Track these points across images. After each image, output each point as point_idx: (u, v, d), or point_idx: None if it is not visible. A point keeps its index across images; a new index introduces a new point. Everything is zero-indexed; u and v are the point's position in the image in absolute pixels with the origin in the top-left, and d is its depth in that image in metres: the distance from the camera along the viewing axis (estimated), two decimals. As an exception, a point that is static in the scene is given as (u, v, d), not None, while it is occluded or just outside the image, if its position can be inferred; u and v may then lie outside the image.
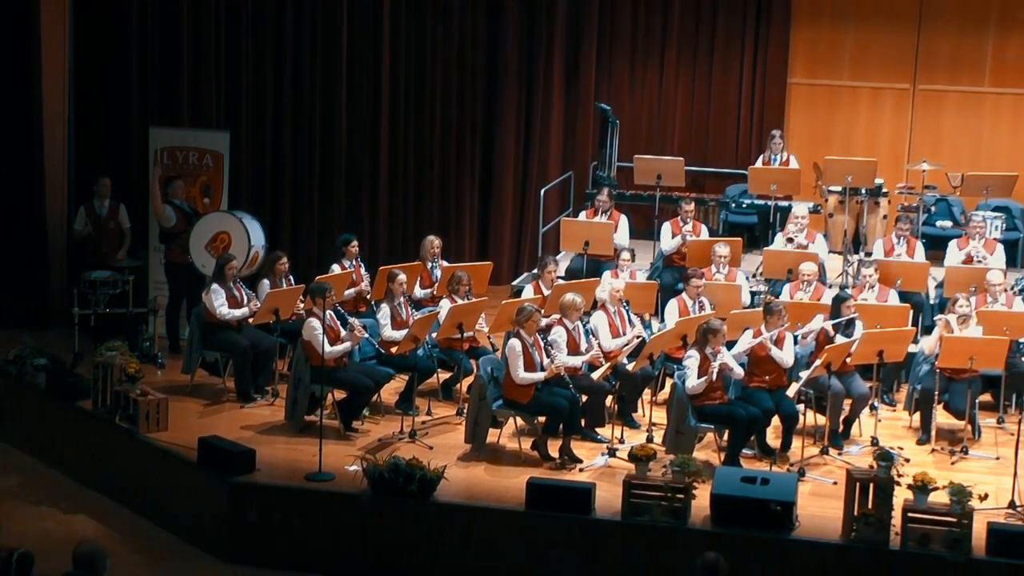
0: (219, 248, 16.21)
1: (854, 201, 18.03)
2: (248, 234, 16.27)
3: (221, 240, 16.31)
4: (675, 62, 20.14)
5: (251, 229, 16.35)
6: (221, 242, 16.29)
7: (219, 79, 18.51)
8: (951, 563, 12.08)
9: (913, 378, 15.16)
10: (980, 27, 19.78)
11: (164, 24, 18.17)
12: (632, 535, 12.65)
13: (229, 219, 16.38)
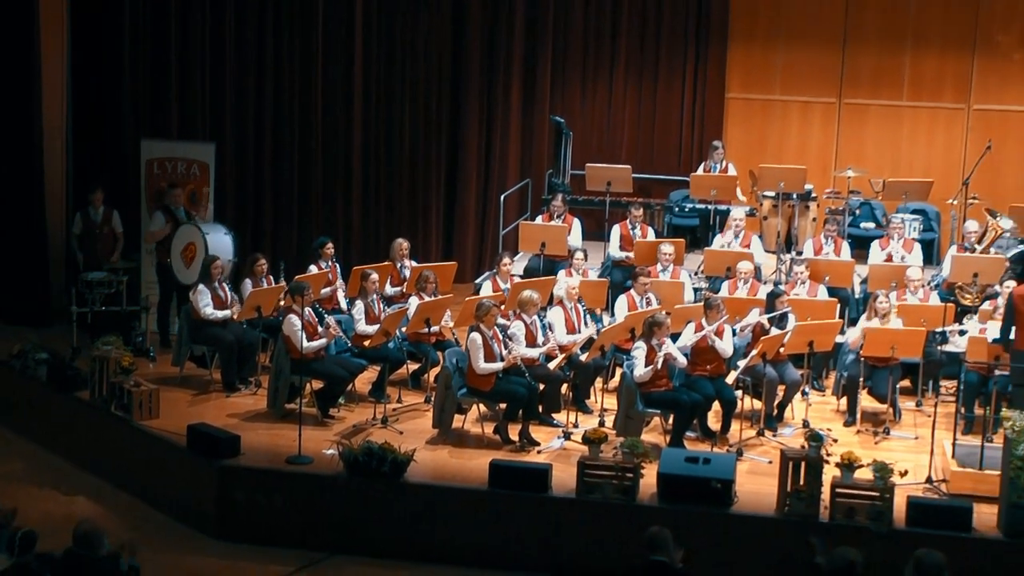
0: (188, 258, 16.22)
1: (786, 205, 18.06)
2: (207, 248, 16.19)
3: (190, 250, 16.28)
4: (623, 79, 20.14)
5: (211, 243, 16.26)
6: (190, 251, 16.26)
7: (205, 94, 18.49)
8: (875, 534, 12.15)
9: (840, 366, 15.21)
10: (898, 47, 19.83)
11: (154, 43, 18.15)
12: (586, 511, 12.69)
13: (196, 233, 16.32)
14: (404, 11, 19.18)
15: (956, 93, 19.86)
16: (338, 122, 19.12)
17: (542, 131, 19.88)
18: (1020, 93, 19.70)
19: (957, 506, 12.49)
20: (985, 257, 16.24)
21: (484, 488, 12.94)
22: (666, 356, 13.73)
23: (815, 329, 14.65)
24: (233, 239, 16.56)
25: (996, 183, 18.81)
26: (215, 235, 16.41)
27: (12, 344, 16.11)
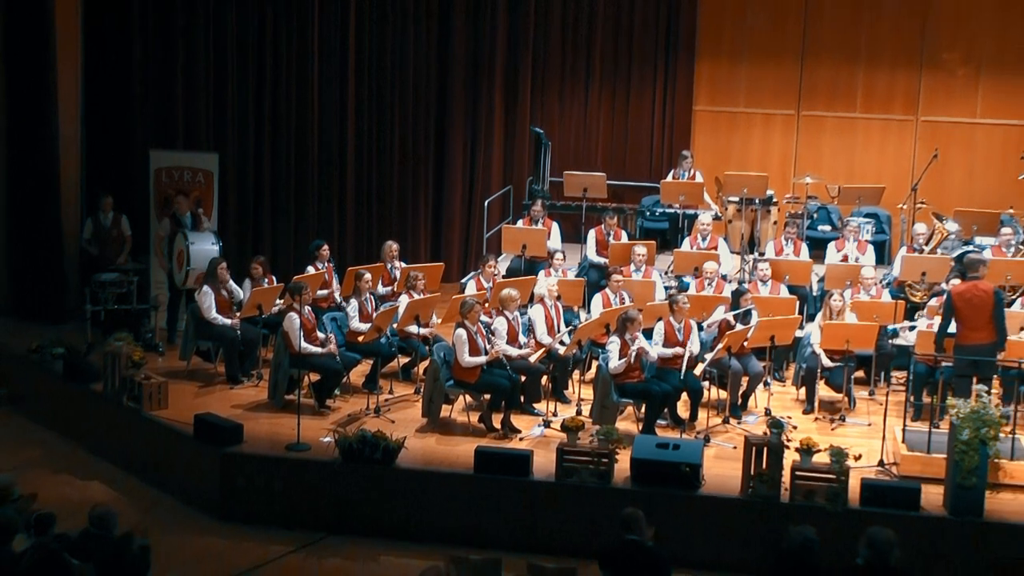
0: (180, 262, 16.24)
1: (749, 210, 18.07)
2: (189, 257, 16.20)
3: (181, 256, 16.29)
4: (598, 92, 20.15)
5: (194, 252, 16.23)
6: (181, 258, 16.28)
7: (209, 108, 18.48)
8: (831, 513, 12.19)
9: (799, 358, 15.23)
10: (852, 63, 19.86)
11: (162, 60, 18.13)
12: (564, 494, 12.71)
13: (183, 243, 16.34)
14: (394, 30, 19.16)
15: (905, 106, 19.90)
16: (332, 133, 19.12)
17: (523, 141, 19.89)
18: (964, 106, 19.75)
19: (907, 487, 12.55)
20: (932, 257, 16.29)
21: (470, 473, 12.96)
22: (639, 350, 13.78)
23: (776, 324, 14.69)
24: (220, 247, 16.53)
25: (942, 189, 18.86)
26: (200, 244, 16.37)
27: (31, 340, 16.15)
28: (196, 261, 16.14)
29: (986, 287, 13.91)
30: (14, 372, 16.38)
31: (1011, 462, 13.05)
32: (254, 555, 12.56)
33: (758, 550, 11.24)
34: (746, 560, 11.54)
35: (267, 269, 15.86)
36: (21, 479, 11.41)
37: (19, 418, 15.96)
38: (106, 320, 16.05)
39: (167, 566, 11.00)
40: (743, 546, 12.01)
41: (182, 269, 16.21)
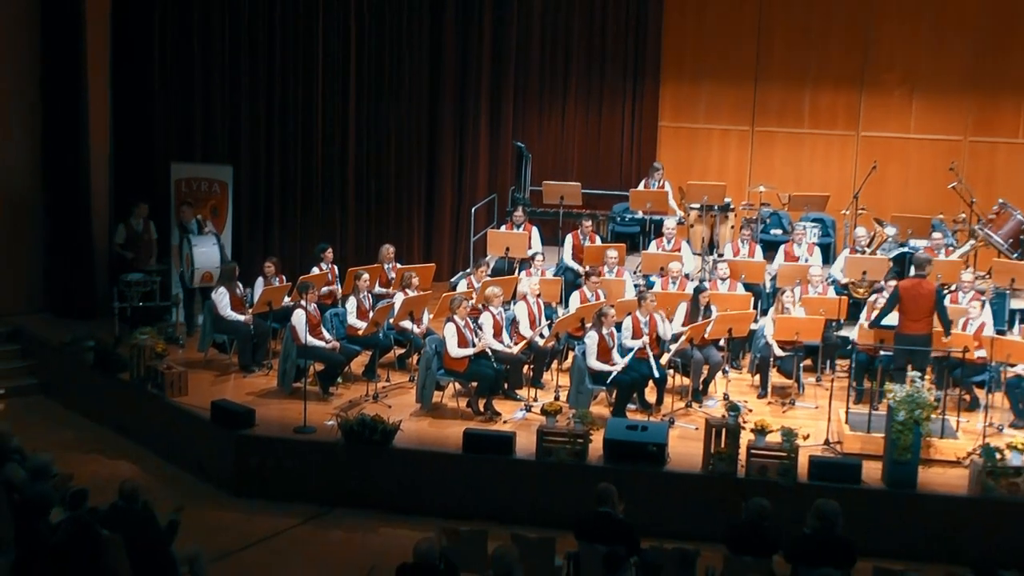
0: (188, 263, 16.28)
1: (709, 215, 18.10)
2: (193, 259, 16.25)
3: (187, 257, 16.30)
4: (573, 110, 20.17)
5: (197, 255, 16.29)
6: (188, 258, 16.29)
7: (224, 124, 18.44)
8: (783, 486, 12.26)
9: (754, 348, 15.28)
10: (800, 84, 19.90)
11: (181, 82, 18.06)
12: (544, 471, 12.77)
13: (188, 246, 16.37)
14: (390, 55, 19.16)
15: (847, 123, 19.93)
16: (335, 147, 19.09)
17: (506, 154, 19.90)
18: (899, 123, 19.80)
19: (849, 463, 12.64)
20: (873, 258, 16.33)
21: (459, 452, 13.01)
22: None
23: (733, 318, 14.73)
24: (220, 249, 16.55)
25: (880, 197, 18.88)
26: (202, 247, 16.39)
27: (64, 334, 16.16)
28: (200, 261, 16.19)
29: (930, 284, 14.01)
30: (50, 362, 16.35)
31: (941, 440, 13.15)
32: (265, 527, 12.60)
33: (718, 520, 11.28)
34: (707, 529, 11.58)
35: (278, 269, 15.87)
36: (57, 459, 11.39)
37: (54, 404, 15.95)
38: (132, 316, 16.02)
39: (187, 537, 11.00)
40: (704, 517, 12.05)
41: (190, 269, 16.25)
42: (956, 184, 18.01)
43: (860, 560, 10.23)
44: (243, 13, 18.31)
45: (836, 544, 10.05)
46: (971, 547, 11.78)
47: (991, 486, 12.23)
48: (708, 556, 10.53)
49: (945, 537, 12.13)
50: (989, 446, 12.40)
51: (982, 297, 15.05)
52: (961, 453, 12.98)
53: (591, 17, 19.88)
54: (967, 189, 18.06)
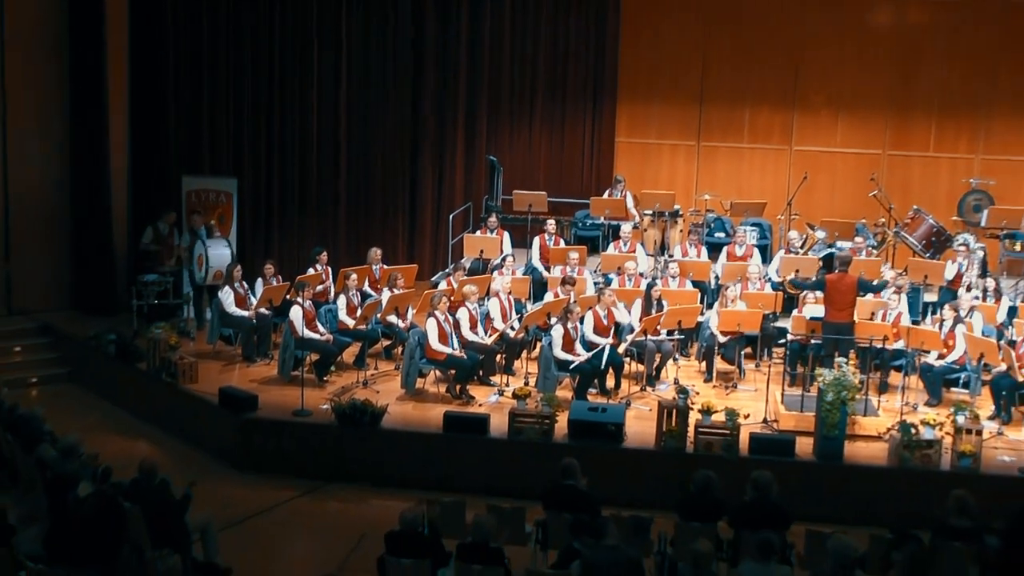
0: (200, 263, 16.23)
1: (661, 220, 18.14)
2: (208, 258, 16.22)
3: (201, 259, 16.27)
4: (539, 127, 20.14)
5: (212, 255, 16.26)
6: (200, 261, 16.26)
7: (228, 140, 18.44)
8: (727, 460, 12.34)
9: (701, 338, 15.35)
10: (740, 104, 19.95)
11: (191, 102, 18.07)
12: (515, 449, 12.82)
13: (201, 247, 16.33)
14: (376, 79, 19.11)
15: (781, 138, 20.01)
16: (328, 160, 19.05)
17: (480, 167, 19.88)
18: (827, 138, 19.88)
19: (785, 439, 12.73)
20: (805, 258, 16.41)
21: (439, 432, 13.06)
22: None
23: (683, 312, 14.79)
24: (231, 250, 16.54)
25: (810, 203, 18.96)
26: (215, 249, 16.36)
27: (89, 329, 16.14)
28: (215, 262, 16.16)
29: (851, 278, 14.14)
30: (76, 354, 16.30)
31: (864, 418, 13.27)
32: (268, 499, 12.63)
33: (670, 490, 11.34)
34: (660, 498, 11.64)
35: (276, 270, 15.86)
36: (84, 439, 11.38)
37: (81, 391, 15.90)
38: (148, 313, 15.99)
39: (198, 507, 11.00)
40: (658, 487, 12.11)
41: (203, 268, 16.21)
42: (876, 192, 18.13)
43: (794, 524, 10.30)
44: (246, 41, 18.32)
45: (773, 510, 10.13)
46: (890, 511, 11.89)
47: (907, 457, 12.35)
48: (661, 523, 10.57)
49: (868, 503, 12.25)
50: (906, 423, 12.52)
51: (900, 292, 15.17)
52: (881, 429, 13.10)
53: (555, 45, 19.88)
54: (886, 197, 18.18)
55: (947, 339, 14.18)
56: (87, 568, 10.18)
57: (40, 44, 17.11)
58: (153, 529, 10.26)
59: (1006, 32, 19.18)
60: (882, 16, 19.60)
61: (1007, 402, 13.65)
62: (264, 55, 18.50)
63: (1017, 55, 19.18)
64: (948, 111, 19.53)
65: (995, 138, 19.47)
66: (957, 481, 11.66)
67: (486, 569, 9.34)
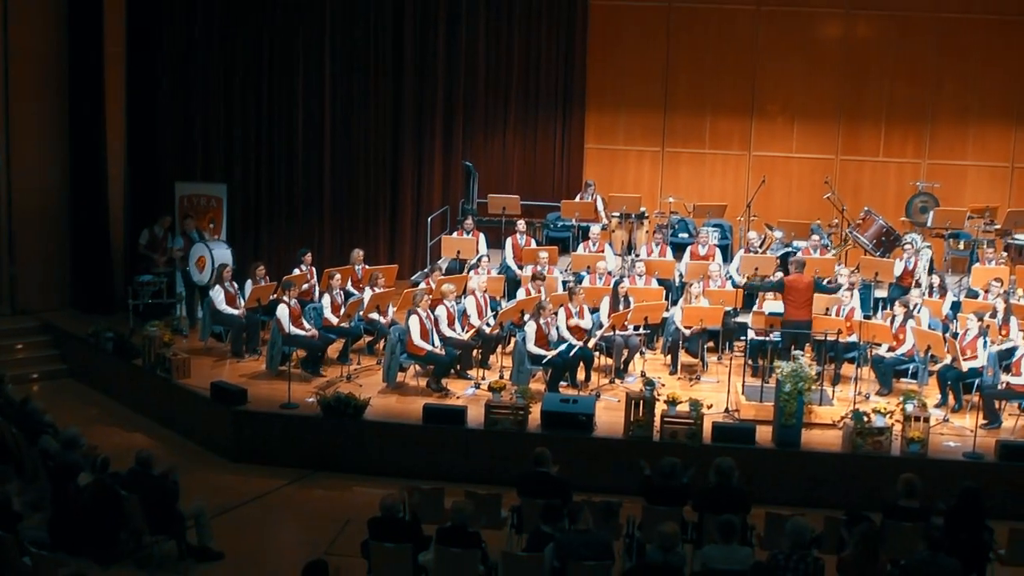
0: (201, 266, 16.17)
1: (628, 222, 18.17)
2: (213, 259, 16.17)
3: (201, 261, 16.21)
4: (513, 134, 20.10)
5: (216, 255, 16.23)
6: (201, 262, 16.20)
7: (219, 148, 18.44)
8: (691, 447, 12.38)
9: (666, 333, 15.37)
10: (701, 112, 19.95)
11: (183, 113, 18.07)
12: (491, 438, 12.83)
13: (205, 249, 16.29)
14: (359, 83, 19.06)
15: (740, 144, 20.04)
16: (313, 165, 19.03)
17: (457, 171, 19.86)
18: (783, 144, 19.91)
19: (745, 427, 12.78)
20: (763, 257, 16.45)
21: (419, 423, 13.06)
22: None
23: (649, 308, 14.83)
24: (232, 251, 16.54)
25: (768, 206, 19.02)
26: (218, 250, 16.35)
27: (87, 326, 16.05)
28: (220, 261, 16.11)
29: (808, 277, 14.22)
30: (76, 351, 16.24)
31: (820, 407, 13.34)
32: (258, 487, 12.64)
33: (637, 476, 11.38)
34: (628, 484, 11.67)
35: (265, 272, 15.79)
36: (84, 431, 11.37)
37: (80, 386, 15.87)
38: (144, 311, 15.90)
39: (192, 495, 11.00)
40: (626, 474, 12.08)
41: (204, 269, 16.14)
42: (830, 195, 18.21)
43: (755, 507, 10.37)
44: (237, 53, 18.35)
45: (734, 494, 10.18)
46: (844, 495, 11.95)
47: (860, 444, 12.43)
48: (629, 507, 10.62)
49: (823, 487, 12.32)
50: (858, 411, 12.60)
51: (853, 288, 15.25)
52: (836, 417, 13.17)
53: (527, 57, 19.86)
54: (839, 199, 18.26)
55: (898, 333, 14.27)
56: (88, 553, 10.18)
57: (42, 55, 17.06)
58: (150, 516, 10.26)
59: (948, 45, 19.32)
60: (832, 30, 19.69)
61: (955, 391, 13.75)
62: (252, 69, 18.57)
63: (959, 66, 19.34)
64: (895, 119, 19.63)
65: (940, 144, 19.60)
66: (906, 465, 11.77)
67: (464, 552, 9.36)
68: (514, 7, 19.62)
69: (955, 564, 8.91)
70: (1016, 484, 12.17)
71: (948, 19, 19.29)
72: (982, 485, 10.41)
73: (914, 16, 19.34)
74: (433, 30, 19.38)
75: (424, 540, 9.66)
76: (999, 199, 19.11)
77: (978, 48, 19.30)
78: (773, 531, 10.14)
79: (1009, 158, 19.51)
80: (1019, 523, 10.47)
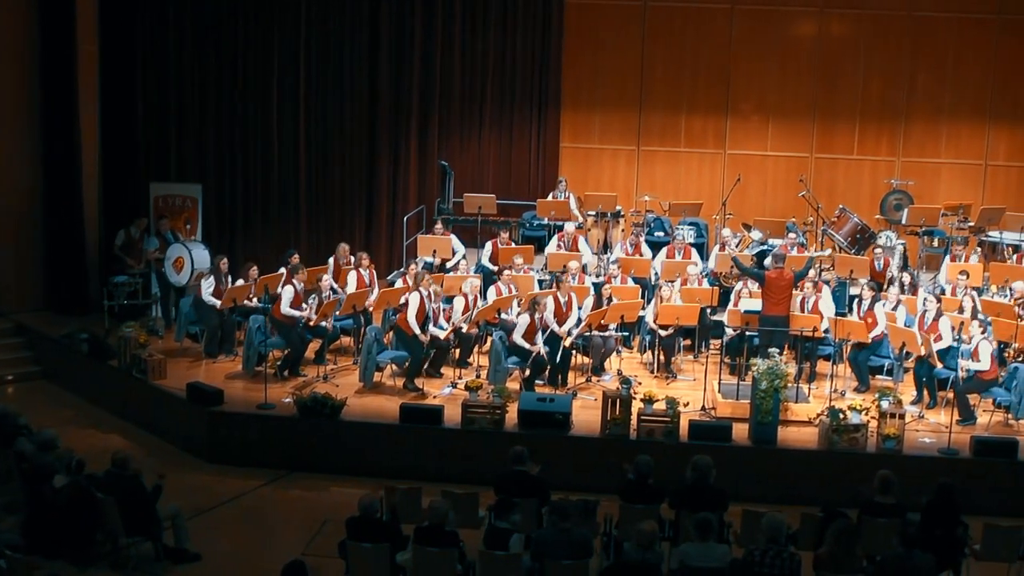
0: (179, 267, 16.08)
1: (603, 221, 18.20)
2: (192, 259, 16.13)
3: (179, 262, 16.14)
4: (488, 133, 20.06)
5: (195, 256, 16.19)
6: (179, 263, 16.13)
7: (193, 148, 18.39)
8: (668, 445, 12.41)
9: (643, 331, 15.42)
10: (676, 111, 19.99)
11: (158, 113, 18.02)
12: (468, 438, 12.83)
13: (183, 250, 16.22)
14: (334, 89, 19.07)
15: (715, 142, 20.09)
16: (289, 165, 18.99)
17: (432, 171, 19.82)
18: (757, 143, 19.96)
19: (722, 425, 12.82)
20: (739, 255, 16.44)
21: (397, 423, 13.04)
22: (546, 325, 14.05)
23: (625, 307, 14.84)
24: (209, 251, 16.49)
25: (743, 204, 19.05)
26: (196, 250, 16.31)
27: (62, 328, 16.02)
28: (198, 263, 16.06)
29: (788, 274, 14.26)
30: (50, 352, 16.16)
31: (796, 404, 13.40)
32: (235, 487, 12.60)
33: (614, 475, 11.40)
34: (605, 483, 11.70)
35: (257, 272, 15.48)
36: (59, 433, 11.32)
37: (55, 388, 15.78)
38: (119, 312, 15.85)
39: (169, 496, 10.95)
40: (603, 472, 12.14)
41: (181, 271, 16.06)
42: (805, 193, 18.27)
43: (732, 505, 10.41)
44: (212, 52, 18.34)
45: (711, 492, 10.21)
46: (821, 491, 11.97)
47: (836, 441, 12.49)
48: (606, 505, 10.65)
49: (799, 484, 12.36)
50: (834, 408, 12.65)
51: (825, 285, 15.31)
52: (812, 414, 13.22)
53: (503, 56, 19.85)
54: (814, 197, 18.32)
55: (866, 317, 14.33)
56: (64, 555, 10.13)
57: (12, 52, 16.93)
58: (126, 518, 10.22)
59: (922, 44, 19.43)
60: (806, 30, 19.76)
61: (929, 388, 13.83)
62: (228, 67, 18.55)
63: (932, 65, 19.46)
64: (869, 117, 19.73)
65: (913, 142, 19.71)
66: (882, 462, 11.83)
67: (442, 551, 9.35)
68: (490, 6, 19.61)
69: (930, 560, 8.97)
70: (991, 480, 12.27)
71: (922, 18, 19.40)
72: (957, 481, 10.47)
73: (888, 15, 19.44)
74: (409, 29, 19.35)
75: (402, 540, 9.65)
76: (972, 196, 19.23)
77: (951, 47, 19.43)
78: (750, 528, 10.18)
79: (982, 156, 19.65)
80: (994, 519, 10.54)
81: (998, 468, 12.34)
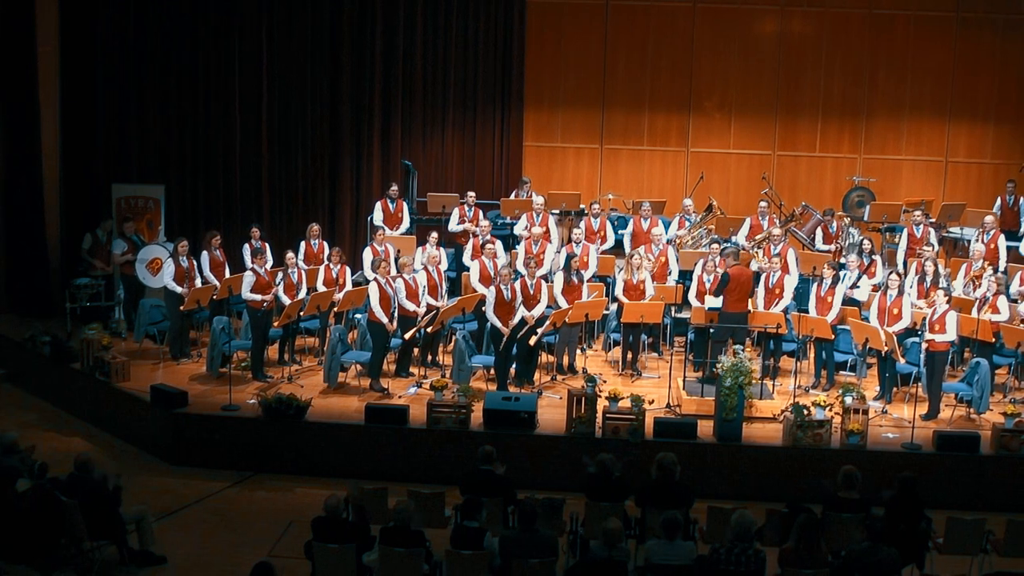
0: (155, 269, 15.93)
1: (568, 218, 18.23)
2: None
3: (155, 263, 16.03)
4: (451, 132, 20.07)
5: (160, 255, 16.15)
6: (155, 264, 16.01)
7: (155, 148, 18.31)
8: (633, 443, 12.45)
9: (608, 329, 15.46)
10: (639, 109, 20.05)
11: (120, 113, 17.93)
12: (434, 437, 12.82)
13: (160, 250, 16.13)
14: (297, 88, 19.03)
15: (678, 140, 20.17)
16: (251, 164, 18.94)
17: (396, 170, 19.83)
18: (719, 141, 20.06)
19: (686, 422, 12.87)
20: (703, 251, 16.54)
21: (362, 423, 13.02)
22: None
23: (589, 305, 14.83)
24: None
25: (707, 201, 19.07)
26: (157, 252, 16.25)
27: (24, 331, 15.90)
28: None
29: (749, 271, 14.34)
30: (13, 355, 16.04)
31: (760, 401, 13.48)
32: (200, 489, 12.54)
33: (579, 473, 11.43)
34: (569, 481, 11.73)
35: (220, 241, 15.56)
36: (22, 436, 11.25)
37: (17, 391, 15.67)
38: (82, 314, 15.79)
39: (133, 499, 10.91)
40: (568, 471, 12.19)
41: (157, 274, 15.86)
42: (768, 190, 18.38)
43: (697, 501, 10.46)
44: (172, 53, 18.24)
45: (677, 489, 10.26)
46: (785, 487, 12.09)
47: (800, 437, 12.57)
48: (572, 503, 10.68)
49: (765, 480, 12.45)
50: (798, 404, 12.73)
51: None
52: (776, 411, 13.28)
53: (464, 54, 19.85)
54: (776, 194, 18.44)
55: (826, 296, 14.43)
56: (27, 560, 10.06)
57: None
58: (90, 521, 10.16)
59: (881, 42, 19.59)
60: (768, 27, 19.88)
61: (890, 382, 13.95)
62: (188, 66, 18.45)
63: (892, 63, 19.62)
64: (831, 115, 19.87)
65: (875, 139, 19.86)
66: (846, 457, 11.94)
67: (408, 551, 9.36)
68: (451, 5, 19.61)
69: (894, 553, 9.05)
70: (953, 474, 12.40)
71: (882, 16, 19.56)
72: (920, 475, 10.57)
73: (848, 13, 19.59)
74: (370, 28, 19.31)
75: (369, 540, 9.65)
76: (933, 193, 19.43)
77: (911, 44, 19.60)
78: (716, 525, 10.24)
79: (943, 152, 19.83)
80: (956, 512, 10.65)
81: (960, 462, 12.47)
